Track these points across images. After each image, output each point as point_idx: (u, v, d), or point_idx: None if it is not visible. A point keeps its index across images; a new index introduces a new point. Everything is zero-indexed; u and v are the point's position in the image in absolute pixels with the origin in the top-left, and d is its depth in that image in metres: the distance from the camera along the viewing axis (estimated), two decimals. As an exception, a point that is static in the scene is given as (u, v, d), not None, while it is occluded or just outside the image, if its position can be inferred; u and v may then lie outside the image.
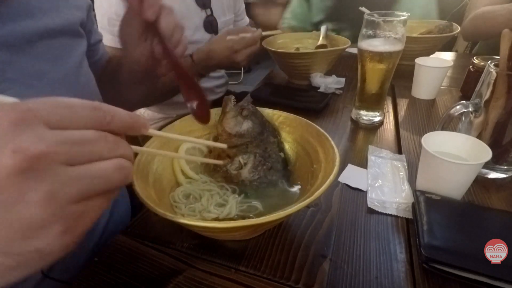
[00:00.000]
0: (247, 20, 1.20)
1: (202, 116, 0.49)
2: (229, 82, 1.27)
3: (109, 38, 0.84)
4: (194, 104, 0.48)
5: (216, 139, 0.51)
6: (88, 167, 0.22)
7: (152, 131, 0.31)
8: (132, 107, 0.96)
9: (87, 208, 0.22)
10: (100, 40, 0.64)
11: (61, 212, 0.20)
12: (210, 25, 0.97)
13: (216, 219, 0.41)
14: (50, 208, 0.20)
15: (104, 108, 0.23)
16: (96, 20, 0.62)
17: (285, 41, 1.03)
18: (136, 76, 0.55)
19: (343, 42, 0.95)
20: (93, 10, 0.60)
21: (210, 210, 0.42)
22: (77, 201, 0.21)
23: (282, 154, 0.50)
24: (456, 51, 1.71)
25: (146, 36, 0.48)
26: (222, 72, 1.17)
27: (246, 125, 0.48)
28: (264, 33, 0.89)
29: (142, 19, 0.44)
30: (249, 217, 0.41)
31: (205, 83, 1.07)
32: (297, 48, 1.04)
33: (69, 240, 0.22)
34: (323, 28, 1.04)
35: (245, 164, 0.47)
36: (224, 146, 0.46)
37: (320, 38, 1.01)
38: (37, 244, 0.20)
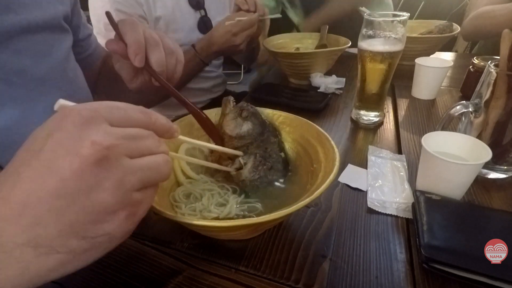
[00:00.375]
0: None
1: (214, 140, 0.50)
2: (229, 82, 1.27)
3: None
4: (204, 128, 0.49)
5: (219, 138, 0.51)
6: (144, 159, 0.25)
7: (181, 137, 0.34)
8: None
9: (144, 196, 0.25)
10: (90, 34, 0.62)
11: (126, 198, 0.23)
12: (205, 26, 0.97)
13: (216, 219, 0.41)
14: (118, 194, 0.22)
15: (149, 111, 0.27)
16: (83, 15, 0.62)
17: (285, 41, 1.03)
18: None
19: (343, 42, 0.95)
20: (79, 6, 0.59)
21: (211, 210, 0.42)
22: (138, 189, 0.24)
23: (282, 154, 0.50)
24: (456, 51, 1.71)
25: (141, 72, 0.47)
26: (219, 71, 1.17)
27: (246, 127, 0.48)
28: (261, 18, 0.90)
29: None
30: (249, 217, 0.41)
31: (203, 84, 1.07)
32: (297, 48, 1.04)
33: (131, 226, 0.25)
34: (323, 28, 1.04)
35: (245, 164, 0.47)
36: (240, 153, 0.47)
37: (320, 38, 1.01)
38: (107, 228, 0.23)
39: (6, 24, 0.40)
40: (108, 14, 0.42)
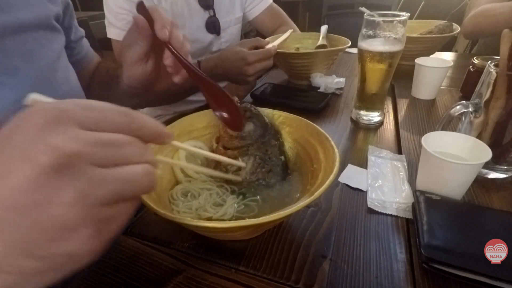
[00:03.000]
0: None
1: (234, 124, 0.49)
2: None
3: (116, 32, 0.88)
4: (223, 113, 0.48)
5: (218, 140, 0.51)
6: (119, 170, 0.21)
7: (175, 142, 0.32)
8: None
9: (116, 212, 0.22)
10: (82, 37, 0.63)
11: (91, 214, 0.20)
12: (213, 26, 0.98)
13: (210, 219, 0.41)
14: (81, 209, 0.19)
15: (134, 115, 0.23)
16: (75, 16, 0.62)
17: (286, 41, 1.03)
18: (132, 91, 0.54)
19: (343, 42, 0.95)
20: (72, 8, 0.59)
21: (207, 209, 0.42)
22: (107, 204, 0.21)
23: (282, 157, 0.49)
24: (456, 51, 1.72)
25: (148, 57, 0.48)
26: None
27: (248, 128, 0.48)
28: (278, 43, 0.90)
29: (148, 39, 0.45)
30: (245, 218, 0.41)
31: None
32: (297, 48, 1.04)
33: (97, 245, 0.21)
34: (323, 28, 1.04)
35: (244, 165, 0.47)
36: (242, 164, 0.47)
37: (320, 38, 1.01)
38: (67, 247, 0.19)
39: None
40: (141, 3, 0.45)
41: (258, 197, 0.45)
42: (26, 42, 0.44)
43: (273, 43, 0.84)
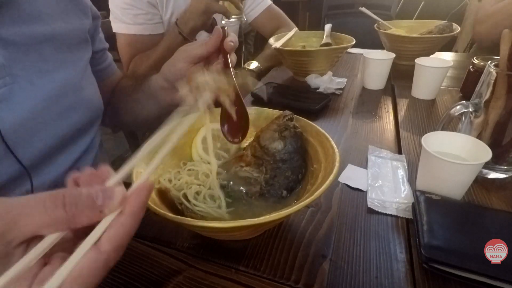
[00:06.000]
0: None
1: (234, 135, 0.48)
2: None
3: (122, 26, 0.95)
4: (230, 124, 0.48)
5: (257, 136, 0.50)
6: None
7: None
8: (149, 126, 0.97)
9: None
10: (104, 49, 0.66)
11: None
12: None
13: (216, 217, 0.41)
14: None
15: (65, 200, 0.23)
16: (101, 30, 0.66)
17: (291, 40, 1.04)
18: (162, 84, 0.55)
19: (347, 41, 0.96)
20: (99, 22, 0.63)
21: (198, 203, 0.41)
22: None
23: (284, 193, 0.44)
24: (456, 51, 1.72)
25: (197, 63, 0.50)
26: None
27: (275, 145, 0.46)
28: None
29: (210, 49, 0.48)
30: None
31: None
32: (303, 46, 1.05)
33: None
34: (327, 27, 1.04)
35: (244, 176, 0.46)
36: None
37: (324, 37, 1.02)
38: None
39: (35, 32, 0.45)
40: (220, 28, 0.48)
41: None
42: (60, 50, 0.49)
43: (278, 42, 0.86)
